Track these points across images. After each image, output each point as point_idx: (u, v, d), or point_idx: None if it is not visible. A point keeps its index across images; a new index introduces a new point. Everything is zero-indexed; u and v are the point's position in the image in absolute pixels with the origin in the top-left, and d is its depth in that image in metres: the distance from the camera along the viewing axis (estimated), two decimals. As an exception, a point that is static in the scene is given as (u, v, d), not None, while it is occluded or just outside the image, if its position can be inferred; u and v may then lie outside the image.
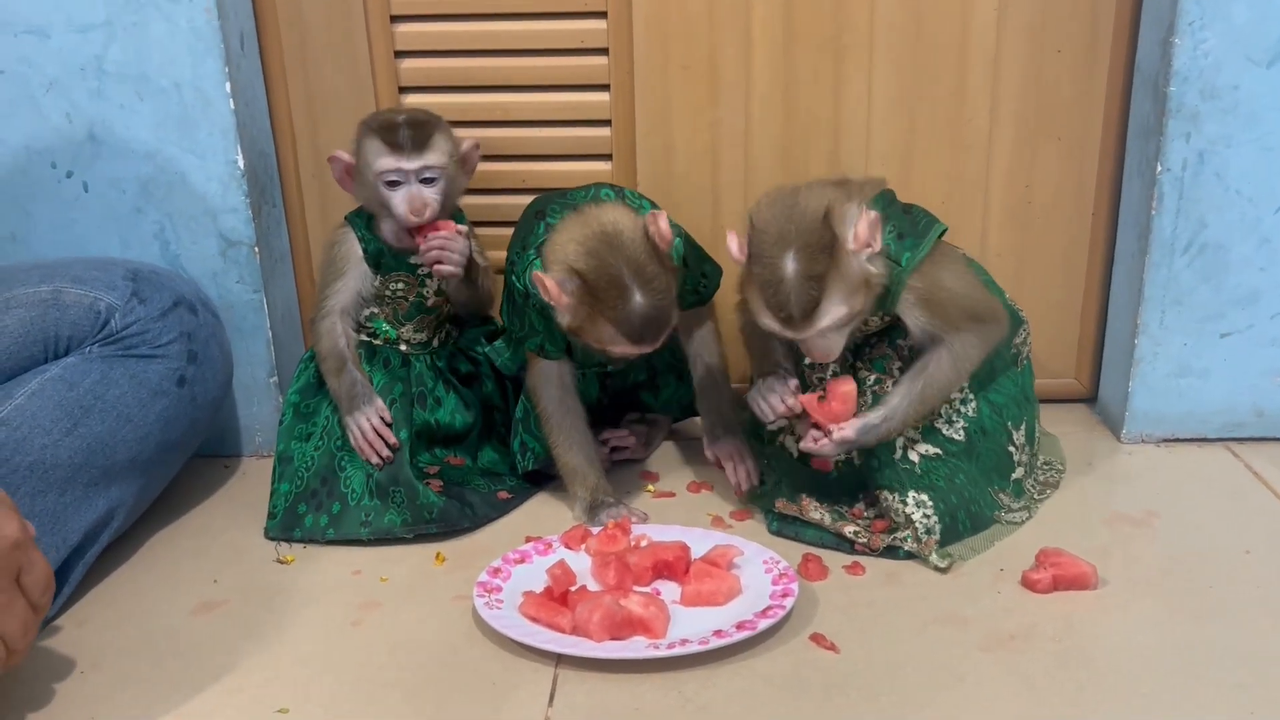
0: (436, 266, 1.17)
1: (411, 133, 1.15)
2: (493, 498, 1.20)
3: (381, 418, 1.17)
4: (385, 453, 1.16)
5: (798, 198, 1.02)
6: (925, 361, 1.08)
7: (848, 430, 1.07)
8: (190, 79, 1.21)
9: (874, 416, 1.08)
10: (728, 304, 1.20)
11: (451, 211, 1.21)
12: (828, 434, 1.07)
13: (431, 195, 1.16)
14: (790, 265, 0.99)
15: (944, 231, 1.10)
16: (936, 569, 1.06)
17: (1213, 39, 1.16)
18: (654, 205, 1.16)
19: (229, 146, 1.24)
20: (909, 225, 1.08)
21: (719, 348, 1.23)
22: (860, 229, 1.00)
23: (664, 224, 1.07)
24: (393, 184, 1.15)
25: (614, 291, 1.04)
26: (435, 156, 1.16)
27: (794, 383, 1.12)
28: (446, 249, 1.16)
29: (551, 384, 1.17)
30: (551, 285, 1.05)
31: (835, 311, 1.00)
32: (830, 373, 1.13)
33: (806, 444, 1.09)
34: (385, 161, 1.15)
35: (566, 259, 1.06)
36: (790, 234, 0.99)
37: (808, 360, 1.12)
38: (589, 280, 1.04)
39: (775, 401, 1.12)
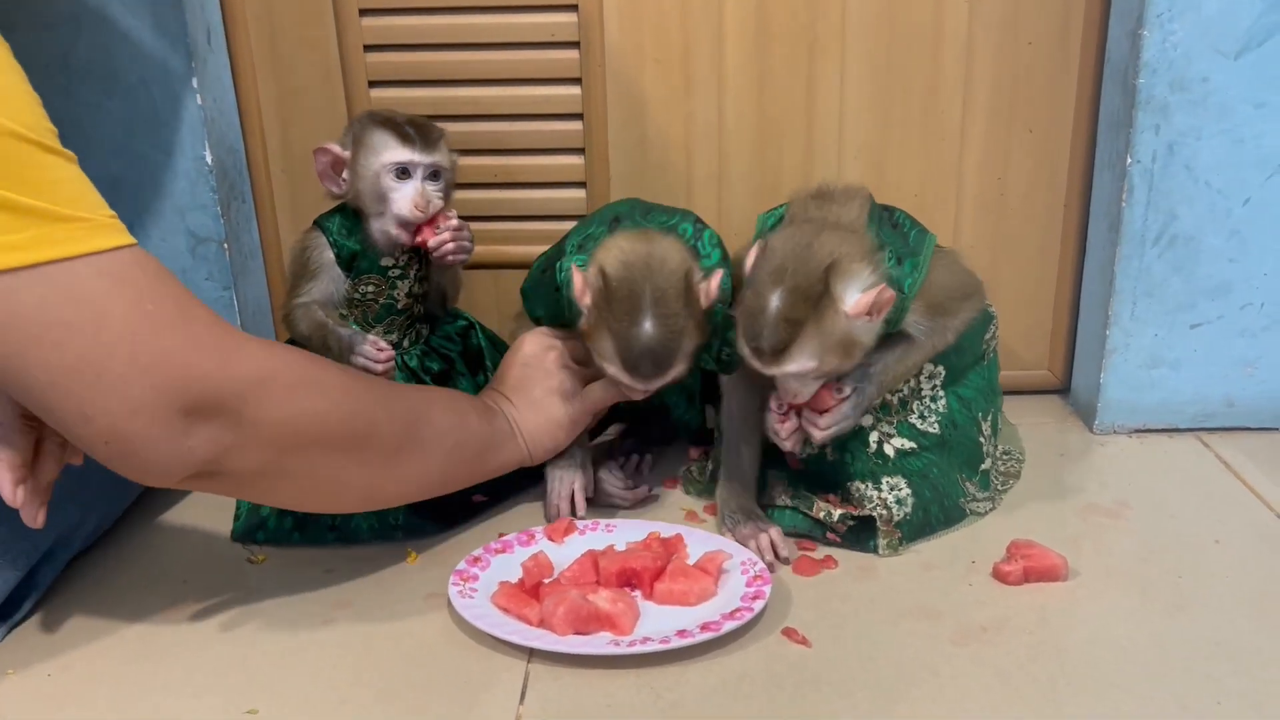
0: (450, 257, 1.17)
1: (422, 130, 1.14)
2: (466, 501, 1.19)
3: (377, 348, 1.13)
4: (388, 369, 1.13)
5: (815, 238, 1.01)
6: (918, 339, 1.09)
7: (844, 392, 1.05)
8: (157, 75, 1.20)
9: (857, 375, 1.05)
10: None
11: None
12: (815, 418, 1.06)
13: (435, 193, 1.15)
14: (774, 301, 0.98)
15: (935, 243, 1.10)
16: (880, 553, 1.07)
17: (1181, 31, 1.16)
18: (724, 256, 1.12)
19: (197, 143, 1.23)
20: (901, 242, 1.07)
21: (758, 424, 1.14)
22: (863, 301, 0.98)
23: (714, 284, 1.06)
24: (402, 175, 1.14)
25: (627, 306, 1.02)
26: (444, 157, 1.15)
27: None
28: (460, 239, 1.17)
29: None
30: (579, 280, 1.05)
31: (804, 362, 0.99)
32: None
33: (816, 437, 1.06)
34: (398, 152, 1.12)
35: (605, 262, 1.05)
36: (787, 272, 0.98)
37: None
38: (610, 286, 1.03)
39: (771, 418, 1.08)
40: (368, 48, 1.31)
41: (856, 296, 0.98)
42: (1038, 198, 1.35)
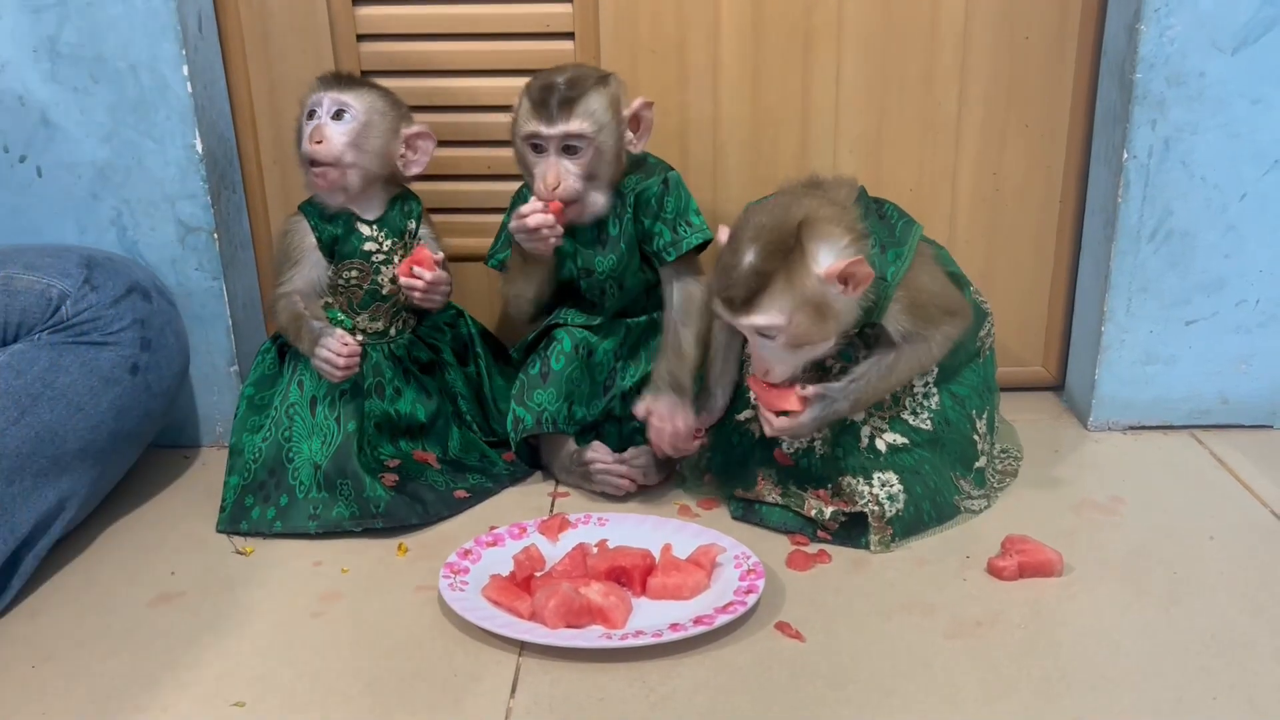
0: (415, 300, 1.18)
1: (341, 75, 1.19)
2: (449, 496, 1.18)
3: (343, 342, 1.13)
4: (350, 365, 1.13)
5: (791, 205, 1.01)
6: (901, 348, 1.07)
7: (809, 400, 1.06)
8: (147, 61, 1.19)
9: (836, 385, 1.06)
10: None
11: (381, 179, 1.20)
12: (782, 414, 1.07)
13: (339, 133, 1.14)
14: (748, 256, 0.99)
15: (921, 234, 1.09)
16: (871, 550, 1.06)
17: (1178, 25, 1.16)
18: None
19: (187, 131, 1.21)
20: (887, 233, 1.07)
21: (699, 313, 1.18)
22: (836, 266, 0.98)
23: (640, 104, 1.15)
24: (311, 115, 1.16)
25: (545, 73, 1.14)
26: (356, 101, 1.16)
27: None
28: (431, 293, 1.17)
29: (525, 296, 1.22)
30: (518, 98, 1.15)
31: (773, 315, 0.99)
32: None
33: (768, 430, 1.08)
34: (309, 94, 1.17)
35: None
36: (764, 231, 0.99)
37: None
38: (536, 75, 1.15)
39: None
40: (360, 37, 1.30)
41: (832, 259, 0.98)
42: (1033, 193, 1.35)
